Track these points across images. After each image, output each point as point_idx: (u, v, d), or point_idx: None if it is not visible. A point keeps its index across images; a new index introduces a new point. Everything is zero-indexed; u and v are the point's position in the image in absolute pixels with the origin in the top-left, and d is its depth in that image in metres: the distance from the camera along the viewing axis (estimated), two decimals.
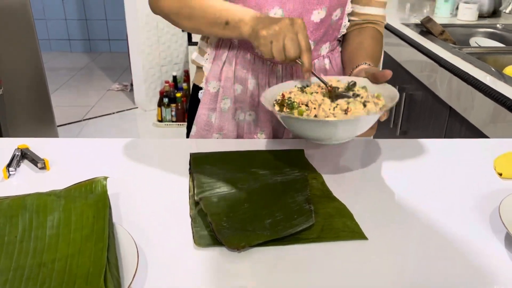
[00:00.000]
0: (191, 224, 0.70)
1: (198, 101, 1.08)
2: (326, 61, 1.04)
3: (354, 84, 0.85)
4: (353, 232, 0.69)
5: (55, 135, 2.40)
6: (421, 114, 1.76)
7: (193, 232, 0.68)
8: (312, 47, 0.99)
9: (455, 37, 1.94)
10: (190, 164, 0.86)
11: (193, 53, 1.09)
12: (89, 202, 0.65)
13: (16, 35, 2.06)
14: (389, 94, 0.81)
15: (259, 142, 0.99)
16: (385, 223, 0.72)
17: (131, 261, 0.57)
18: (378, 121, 0.80)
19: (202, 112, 1.06)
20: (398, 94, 0.79)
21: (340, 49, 1.09)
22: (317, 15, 0.94)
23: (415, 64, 1.78)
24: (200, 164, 0.86)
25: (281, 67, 1.00)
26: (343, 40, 1.08)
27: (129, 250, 0.59)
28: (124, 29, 3.43)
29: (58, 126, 2.54)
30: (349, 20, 1.05)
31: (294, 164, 0.86)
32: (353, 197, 0.78)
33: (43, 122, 2.30)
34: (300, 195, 0.77)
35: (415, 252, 0.66)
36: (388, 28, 2.04)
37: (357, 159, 0.92)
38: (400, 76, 1.95)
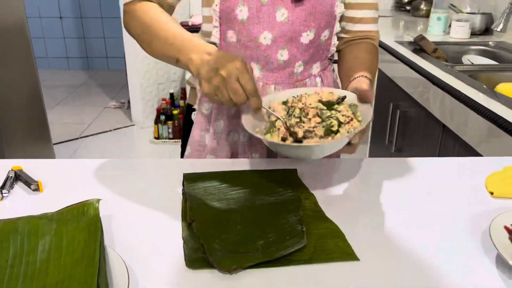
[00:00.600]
0: (183, 246, 0.70)
1: (191, 121, 1.09)
2: (318, 79, 1.05)
3: (343, 99, 0.86)
4: (345, 253, 0.69)
5: (51, 153, 2.40)
6: (415, 131, 1.77)
7: (185, 254, 0.68)
8: (302, 67, 1.01)
9: (448, 54, 1.96)
10: (183, 185, 0.87)
11: (188, 73, 1.10)
12: (81, 225, 0.65)
13: (13, 53, 2.08)
14: (365, 115, 0.83)
15: (252, 162, 0.99)
16: (377, 243, 0.72)
17: (122, 285, 0.57)
18: (368, 138, 0.82)
19: (195, 133, 1.06)
20: (370, 117, 0.80)
21: (332, 67, 1.10)
22: (306, 37, 0.97)
23: (409, 81, 1.80)
24: (193, 185, 0.86)
25: (273, 87, 1.01)
26: (339, 57, 1.10)
27: (120, 274, 0.59)
28: (121, 46, 3.46)
29: (54, 144, 2.54)
30: (342, 38, 1.07)
31: (287, 184, 0.87)
32: (345, 217, 0.78)
33: (40, 140, 2.30)
34: (292, 216, 0.77)
35: (407, 273, 0.66)
36: (382, 45, 2.07)
37: (350, 178, 0.92)
38: (394, 93, 1.96)
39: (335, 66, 1.12)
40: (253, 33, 0.94)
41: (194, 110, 1.08)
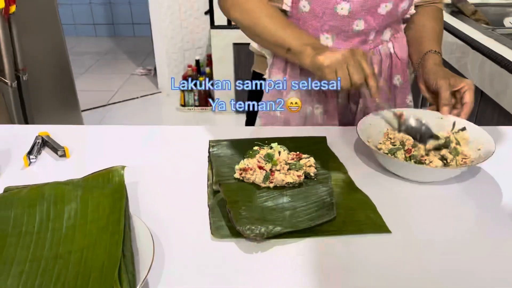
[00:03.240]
0: (209, 214, 0.69)
1: (257, 88, 1.05)
2: (390, 45, 1.01)
3: (463, 129, 0.85)
4: (376, 225, 0.67)
5: (79, 120, 2.43)
6: None
7: (210, 223, 0.67)
8: (374, 34, 0.97)
9: (488, 17, 1.84)
10: (209, 152, 0.85)
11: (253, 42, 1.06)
12: (106, 192, 0.64)
13: (40, 20, 2.07)
14: (486, 145, 0.80)
15: (280, 130, 0.96)
16: (409, 215, 0.69)
17: (147, 253, 0.56)
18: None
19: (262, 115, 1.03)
20: (493, 150, 0.77)
21: (403, 27, 1.06)
22: (384, 8, 0.92)
23: (445, 46, 1.70)
24: (219, 152, 0.84)
25: None
26: (405, 24, 1.06)
27: (145, 242, 0.58)
28: (147, 13, 3.42)
29: (82, 111, 2.57)
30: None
31: (316, 152, 0.83)
32: (376, 188, 0.75)
33: (68, 108, 2.33)
34: (321, 187, 0.74)
35: (440, 246, 0.63)
36: None
37: None
38: None
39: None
40: (330, 3, 0.89)
41: (262, 78, 1.04)
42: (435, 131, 0.85)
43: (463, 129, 0.84)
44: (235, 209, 0.68)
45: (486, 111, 1.42)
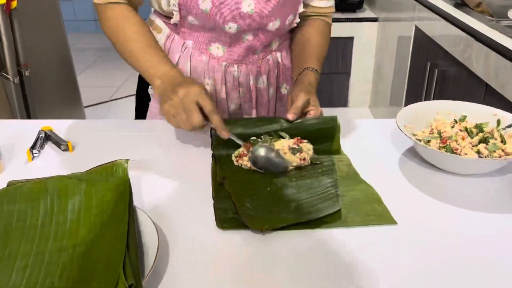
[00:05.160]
0: (214, 206, 0.68)
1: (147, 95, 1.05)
2: (278, 54, 1.03)
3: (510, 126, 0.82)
4: (382, 216, 0.66)
5: (82, 116, 2.43)
6: (454, 91, 1.68)
7: (215, 215, 0.66)
8: (263, 46, 0.98)
9: (493, 9, 1.83)
10: (212, 144, 0.84)
11: None
12: (110, 186, 0.64)
13: (42, 17, 2.07)
14: None
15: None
16: (415, 206, 0.69)
17: (152, 246, 0.56)
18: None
19: (154, 106, 1.04)
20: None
21: (289, 35, 1.07)
22: (273, 26, 0.93)
23: (449, 38, 1.69)
24: (223, 145, 0.84)
25: (236, 66, 0.98)
26: (292, 32, 1.06)
27: (150, 235, 0.57)
28: (149, 10, 3.42)
29: (85, 107, 2.56)
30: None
31: (324, 135, 0.84)
32: (381, 178, 0.75)
33: (70, 104, 2.32)
34: (326, 178, 0.74)
35: (447, 238, 0.62)
36: (420, 1, 1.95)
37: (385, 139, 0.88)
38: (432, 52, 1.86)
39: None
40: (218, 23, 0.89)
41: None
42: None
43: (511, 125, 0.81)
44: (240, 201, 0.67)
45: (491, 104, 1.41)
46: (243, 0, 0.88)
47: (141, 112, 1.09)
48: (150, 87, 1.05)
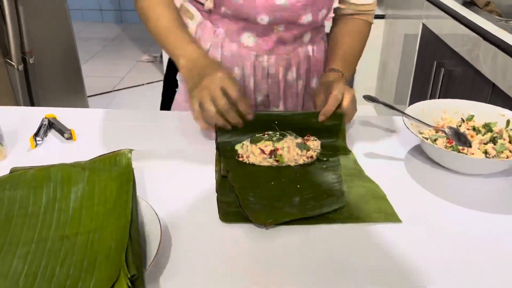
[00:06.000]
0: (217, 199, 0.68)
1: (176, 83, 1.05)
2: (309, 48, 1.01)
3: None
4: (386, 213, 0.66)
5: (85, 105, 2.42)
6: (460, 91, 1.67)
7: (218, 208, 0.66)
8: (295, 38, 0.97)
9: (501, 8, 1.81)
10: (216, 137, 0.84)
11: None
12: (113, 175, 0.63)
13: (47, 5, 2.06)
14: None
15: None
16: (420, 204, 0.68)
17: (154, 237, 0.55)
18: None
19: (180, 98, 1.04)
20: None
21: (324, 31, 1.05)
22: (305, 19, 0.92)
23: (457, 37, 1.67)
24: (227, 137, 0.83)
25: (266, 57, 0.97)
26: (332, 26, 1.05)
27: (152, 226, 0.57)
28: None
29: (88, 96, 2.56)
30: (336, 9, 1.01)
31: (330, 131, 0.84)
32: (386, 176, 0.74)
33: (74, 93, 2.32)
34: (331, 174, 0.74)
35: (452, 238, 0.62)
36: None
37: (391, 137, 0.87)
38: (439, 50, 1.85)
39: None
40: (251, 14, 0.89)
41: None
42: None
43: None
44: (244, 195, 0.67)
45: (497, 104, 1.40)
46: None
47: (167, 98, 1.09)
48: (178, 73, 1.05)
